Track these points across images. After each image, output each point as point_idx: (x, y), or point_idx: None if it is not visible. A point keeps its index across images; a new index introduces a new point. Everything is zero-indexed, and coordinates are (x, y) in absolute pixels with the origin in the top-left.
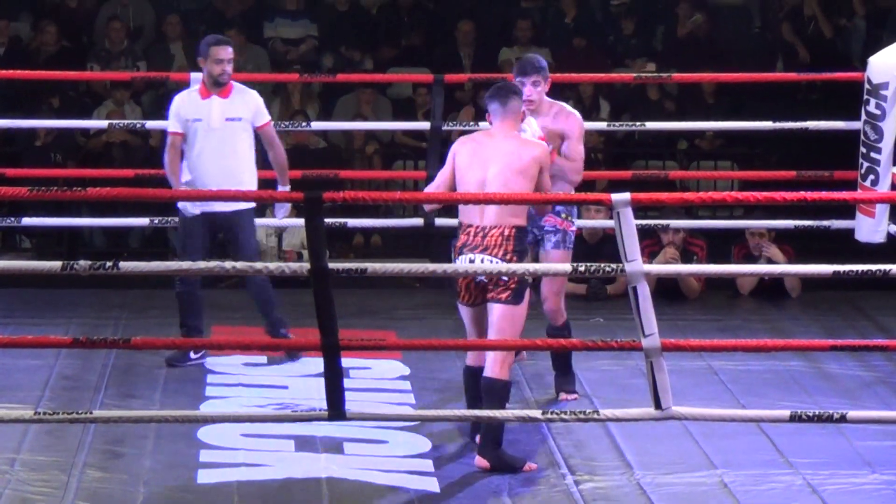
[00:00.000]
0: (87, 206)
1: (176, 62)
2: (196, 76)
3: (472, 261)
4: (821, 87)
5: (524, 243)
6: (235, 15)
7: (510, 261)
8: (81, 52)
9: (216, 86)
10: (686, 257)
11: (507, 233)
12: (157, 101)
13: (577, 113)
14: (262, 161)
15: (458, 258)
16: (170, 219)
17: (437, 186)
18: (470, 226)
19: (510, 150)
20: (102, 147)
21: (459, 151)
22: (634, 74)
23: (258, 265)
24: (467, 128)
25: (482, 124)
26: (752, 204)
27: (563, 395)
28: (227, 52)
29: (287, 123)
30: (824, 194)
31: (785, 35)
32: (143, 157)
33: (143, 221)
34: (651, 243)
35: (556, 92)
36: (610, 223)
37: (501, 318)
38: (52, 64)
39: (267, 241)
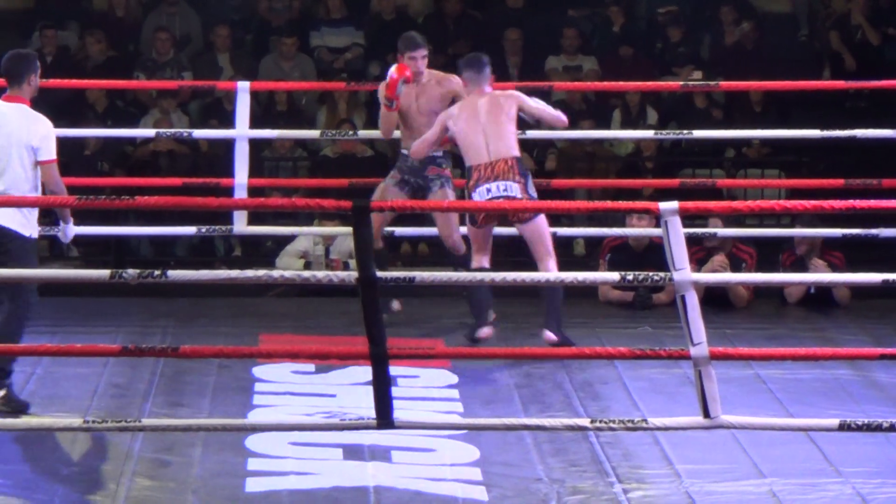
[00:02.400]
0: (135, 215)
1: (224, 73)
2: None
3: (489, 190)
4: (868, 96)
5: (524, 168)
6: (282, 24)
7: (518, 183)
8: (128, 62)
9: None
10: (734, 263)
11: (510, 163)
12: (204, 109)
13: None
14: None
15: (475, 192)
16: (217, 227)
17: (429, 142)
18: (479, 165)
19: (496, 105)
20: (149, 156)
21: (457, 120)
22: (681, 82)
23: (306, 273)
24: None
25: (529, 132)
26: (801, 212)
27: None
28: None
29: (333, 132)
30: (873, 203)
31: (832, 43)
32: (189, 166)
33: (191, 230)
34: (698, 249)
35: (603, 100)
36: (654, 231)
37: (532, 232)
38: (98, 73)
39: (314, 250)
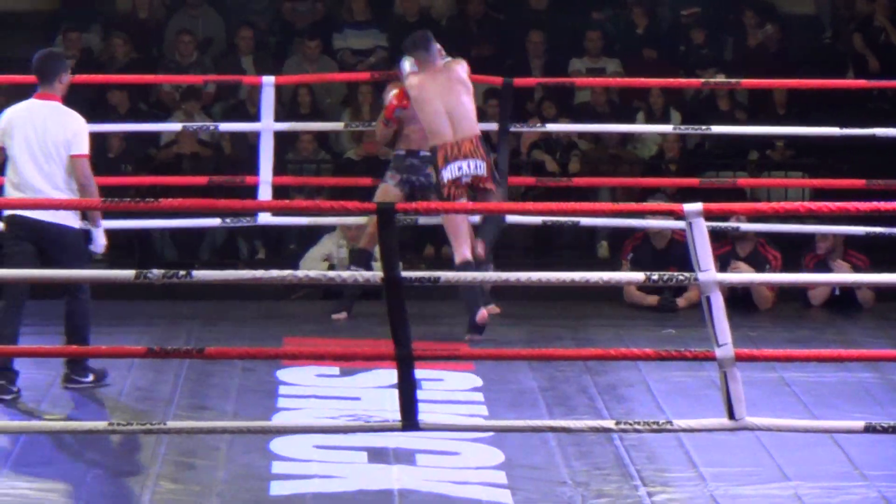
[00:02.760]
0: (159, 216)
1: (247, 75)
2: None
3: (460, 168)
4: (891, 97)
5: (486, 146)
6: (305, 26)
7: (486, 161)
8: (151, 64)
9: None
10: (758, 263)
11: (475, 142)
12: (228, 111)
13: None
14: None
15: (445, 169)
16: (241, 218)
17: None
18: (444, 143)
19: (454, 79)
20: (173, 158)
21: (414, 98)
22: (703, 80)
23: (331, 273)
24: (536, 129)
25: (549, 126)
26: (826, 214)
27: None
28: None
29: (357, 124)
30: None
31: (855, 45)
32: (213, 168)
33: (215, 221)
34: (719, 245)
35: (627, 102)
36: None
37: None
38: (122, 74)
39: (338, 253)
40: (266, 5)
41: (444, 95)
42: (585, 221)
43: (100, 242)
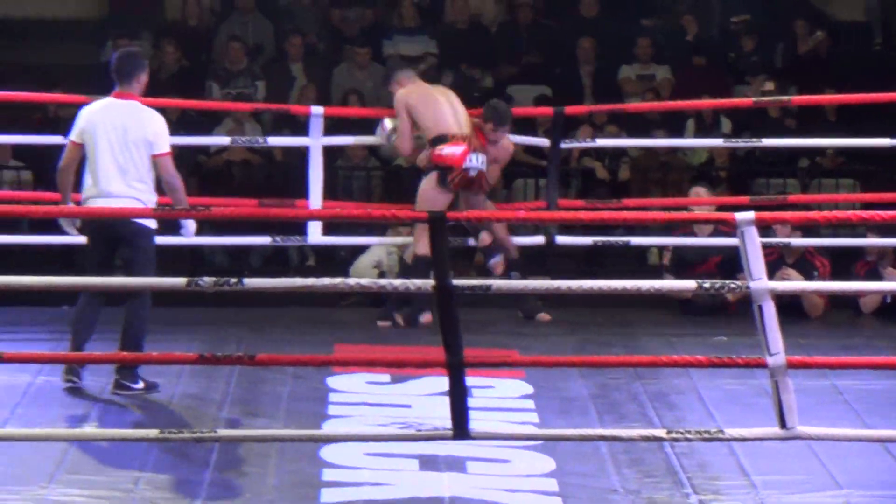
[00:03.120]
0: (209, 225)
1: (297, 82)
2: None
3: (470, 160)
4: None
5: None
6: (355, 33)
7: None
8: (201, 71)
9: None
10: (807, 270)
11: (477, 137)
12: (278, 118)
13: None
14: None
15: (447, 150)
16: (291, 237)
17: (408, 135)
18: (454, 134)
19: (444, 90)
20: (223, 166)
21: (412, 103)
22: (754, 99)
23: (382, 281)
24: (586, 144)
25: (599, 140)
26: (877, 223)
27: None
28: None
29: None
30: None
31: None
32: (263, 175)
33: (265, 240)
34: (766, 253)
35: (676, 110)
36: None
37: (482, 202)
38: (171, 83)
39: (388, 260)
40: (315, 12)
41: (440, 95)
42: (636, 241)
43: (191, 229)
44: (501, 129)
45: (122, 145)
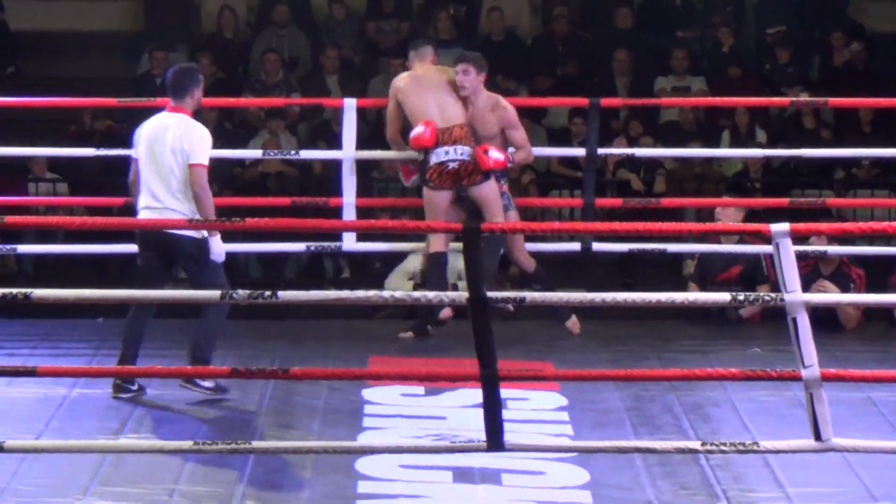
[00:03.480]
0: (244, 235)
1: (332, 95)
2: None
3: (447, 152)
4: None
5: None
6: (390, 45)
7: (474, 148)
8: (237, 84)
9: None
10: (842, 282)
11: (464, 130)
12: (313, 131)
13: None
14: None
15: (433, 154)
16: (326, 244)
17: (392, 121)
18: (437, 128)
19: (443, 80)
20: (258, 177)
21: (401, 89)
22: (790, 100)
23: (416, 294)
24: (620, 151)
25: (636, 150)
26: None
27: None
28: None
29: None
30: None
31: None
32: (298, 187)
33: (300, 247)
34: (801, 265)
35: (712, 120)
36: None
37: (480, 195)
38: (207, 95)
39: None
40: (351, 25)
41: (432, 88)
42: (672, 248)
43: (216, 251)
44: (485, 74)
45: (165, 157)
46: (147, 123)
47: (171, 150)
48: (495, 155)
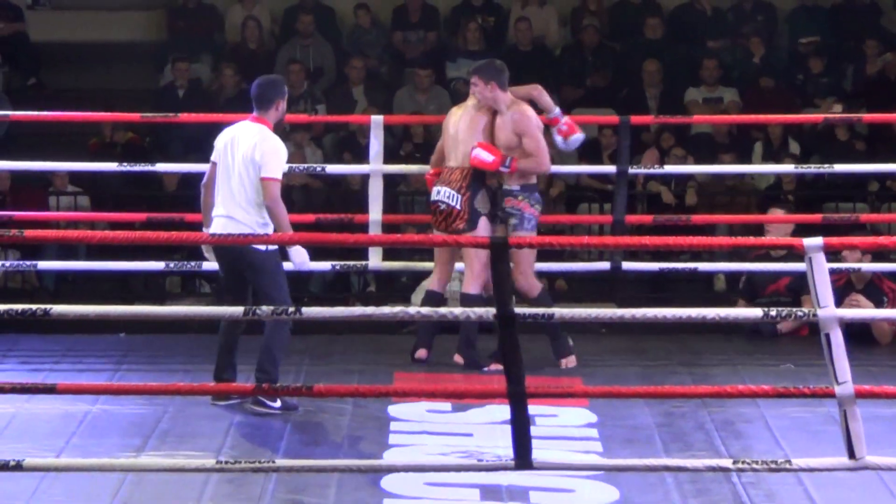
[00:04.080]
0: None
1: (358, 106)
2: None
3: (438, 192)
4: None
5: (480, 182)
6: (417, 56)
7: (462, 194)
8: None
9: None
10: (875, 296)
11: (465, 172)
12: (339, 143)
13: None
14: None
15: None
16: (352, 263)
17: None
18: (447, 166)
19: (479, 113)
20: (283, 191)
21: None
22: (824, 116)
23: (443, 310)
24: (653, 171)
25: (668, 167)
26: None
27: (562, 362)
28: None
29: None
30: None
31: None
32: (324, 200)
33: (326, 266)
34: (835, 279)
35: (745, 132)
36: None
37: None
38: (231, 106)
39: (450, 286)
40: (377, 35)
41: (459, 124)
42: (704, 267)
43: (297, 260)
44: (495, 82)
45: (237, 167)
46: (227, 130)
47: (242, 159)
48: (482, 155)
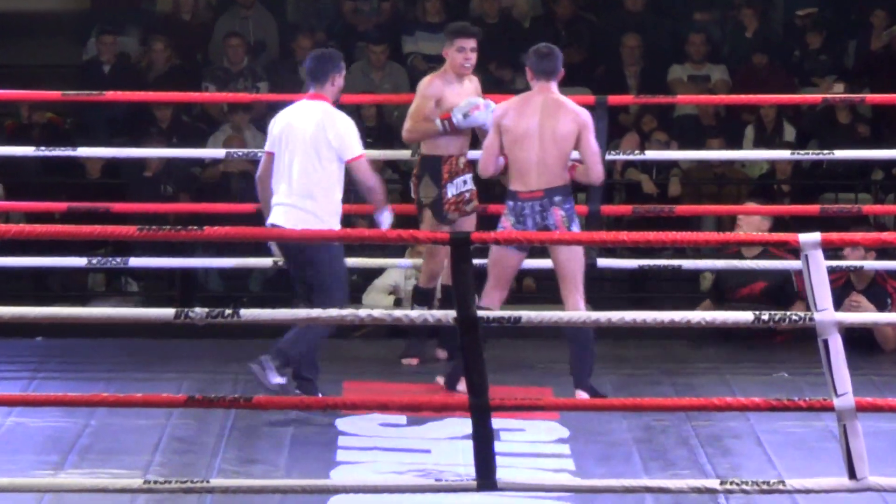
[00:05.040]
0: (203, 245)
1: (304, 85)
2: None
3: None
4: None
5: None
6: (370, 29)
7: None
8: (195, 72)
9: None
10: (879, 297)
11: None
12: None
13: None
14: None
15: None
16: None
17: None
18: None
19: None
20: (220, 178)
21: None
22: (823, 96)
23: (398, 312)
24: (632, 157)
25: (649, 153)
26: None
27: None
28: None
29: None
30: None
31: None
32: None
33: (266, 262)
34: (833, 278)
35: (735, 114)
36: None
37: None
38: (162, 84)
39: (405, 285)
40: (325, 5)
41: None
42: (688, 265)
43: (385, 222)
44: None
45: (303, 151)
46: (282, 114)
47: (308, 141)
48: None
